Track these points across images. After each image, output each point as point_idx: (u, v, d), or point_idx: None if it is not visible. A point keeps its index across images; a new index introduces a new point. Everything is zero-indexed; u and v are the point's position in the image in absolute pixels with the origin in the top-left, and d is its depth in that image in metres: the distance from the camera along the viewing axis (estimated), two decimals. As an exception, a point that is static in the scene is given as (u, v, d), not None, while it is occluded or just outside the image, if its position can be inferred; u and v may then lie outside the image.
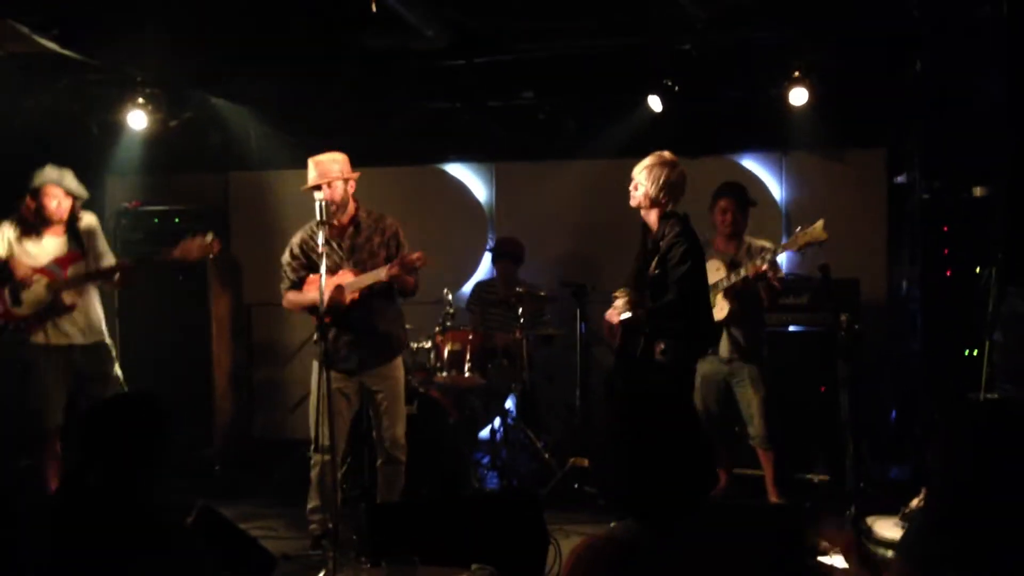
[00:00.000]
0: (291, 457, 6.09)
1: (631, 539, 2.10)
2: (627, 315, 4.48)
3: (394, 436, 4.93)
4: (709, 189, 6.27)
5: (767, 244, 5.15)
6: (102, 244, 5.38)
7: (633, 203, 4.66)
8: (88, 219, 5.37)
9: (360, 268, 4.76)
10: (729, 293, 4.97)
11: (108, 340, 5.39)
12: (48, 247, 5.21)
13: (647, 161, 4.62)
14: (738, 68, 6.27)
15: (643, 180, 4.57)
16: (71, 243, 5.26)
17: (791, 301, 5.87)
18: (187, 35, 5.52)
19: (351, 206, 4.82)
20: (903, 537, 2.48)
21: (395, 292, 4.91)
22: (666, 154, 4.61)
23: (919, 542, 2.34)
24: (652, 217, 4.63)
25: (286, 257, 4.90)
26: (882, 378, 6.28)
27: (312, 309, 4.65)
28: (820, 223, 4.89)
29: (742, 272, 5.00)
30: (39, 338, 5.14)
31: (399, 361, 5.03)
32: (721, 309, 4.97)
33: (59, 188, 5.18)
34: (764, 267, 4.95)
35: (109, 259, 5.34)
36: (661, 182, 4.52)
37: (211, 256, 5.25)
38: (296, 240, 4.89)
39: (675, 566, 2.07)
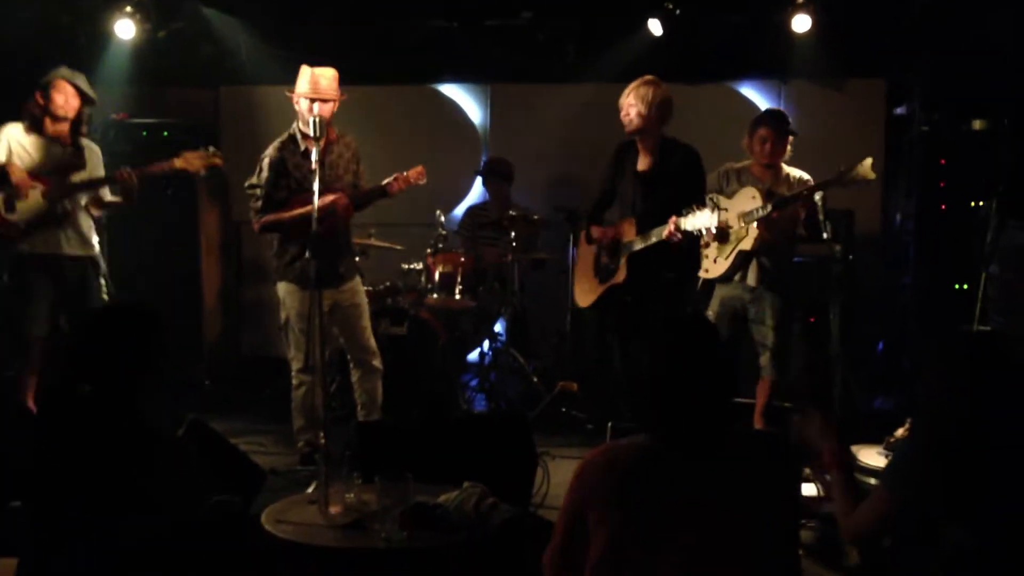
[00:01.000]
0: (279, 374, 6.09)
1: (643, 450, 2.15)
2: (707, 225, 4.54)
3: (367, 343, 5.00)
4: (708, 116, 6.20)
5: (804, 175, 5.03)
6: (100, 166, 5.26)
7: (630, 128, 4.75)
8: (94, 147, 5.27)
9: (337, 184, 4.76)
10: (763, 223, 4.87)
11: (98, 255, 5.30)
12: (51, 152, 5.08)
13: (632, 85, 4.77)
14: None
15: (634, 102, 4.71)
16: (74, 155, 5.15)
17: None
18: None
19: None
20: (887, 467, 2.49)
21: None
22: (647, 77, 4.79)
23: (903, 471, 2.35)
24: (650, 141, 4.67)
25: (266, 175, 4.73)
26: (872, 310, 6.30)
27: (294, 229, 4.62)
28: (868, 161, 4.58)
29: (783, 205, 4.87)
30: (27, 246, 5.04)
31: (359, 277, 5.12)
32: (753, 238, 4.90)
33: (70, 85, 5.05)
34: (814, 201, 4.81)
35: (105, 190, 5.23)
36: (651, 100, 4.71)
37: (216, 165, 5.19)
38: (274, 156, 4.74)
39: (680, 480, 2.10)
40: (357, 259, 5.28)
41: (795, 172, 5.10)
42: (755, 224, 4.85)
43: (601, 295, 5.08)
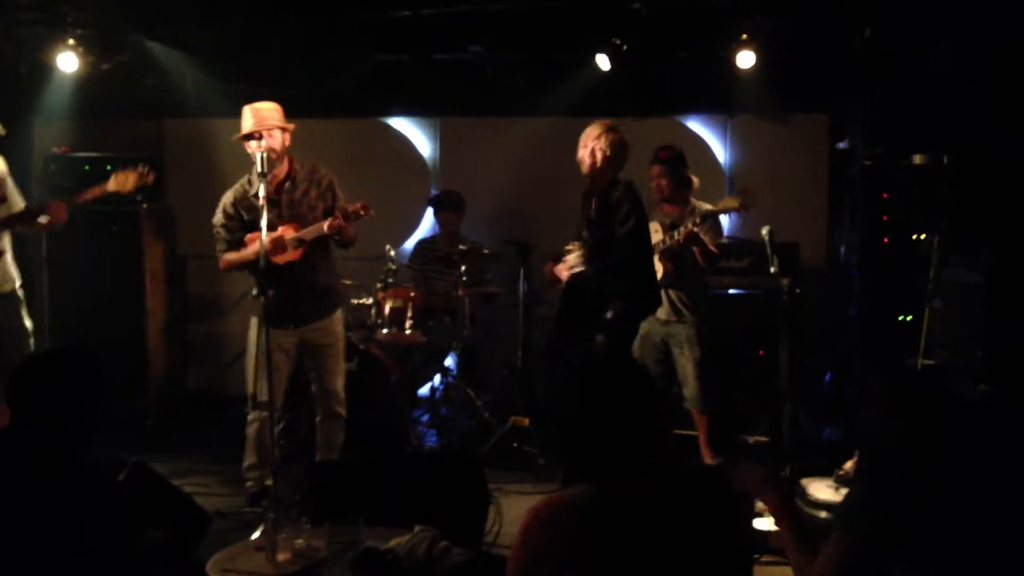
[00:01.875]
0: (226, 412, 6.00)
1: (586, 502, 2.09)
2: (578, 268, 4.51)
3: (335, 390, 4.88)
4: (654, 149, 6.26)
5: (709, 206, 5.17)
6: (12, 188, 5.08)
7: (585, 170, 4.73)
8: None
9: (300, 223, 4.63)
10: (665, 255, 5.00)
11: (20, 290, 5.13)
12: None
13: (595, 129, 4.70)
14: (687, 29, 6.23)
15: (597, 146, 4.64)
16: None
17: (732, 264, 5.90)
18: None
19: (286, 159, 4.69)
20: (839, 510, 2.47)
21: (331, 245, 4.81)
22: (608, 121, 4.74)
23: (852, 512, 2.34)
24: (601, 184, 4.67)
25: (219, 218, 4.72)
26: (818, 341, 6.38)
27: (251, 266, 4.55)
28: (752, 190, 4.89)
29: (675, 235, 5.01)
30: None
31: (339, 315, 4.94)
32: (657, 271, 4.98)
33: None
34: (693, 230, 4.97)
35: (18, 203, 5.06)
36: (612, 146, 4.64)
37: (147, 183, 5.11)
38: (228, 199, 4.72)
39: (629, 528, 2.07)
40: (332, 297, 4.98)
41: (704, 205, 5.21)
42: (658, 256, 4.95)
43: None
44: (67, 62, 5.93)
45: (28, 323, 5.16)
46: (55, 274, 6.61)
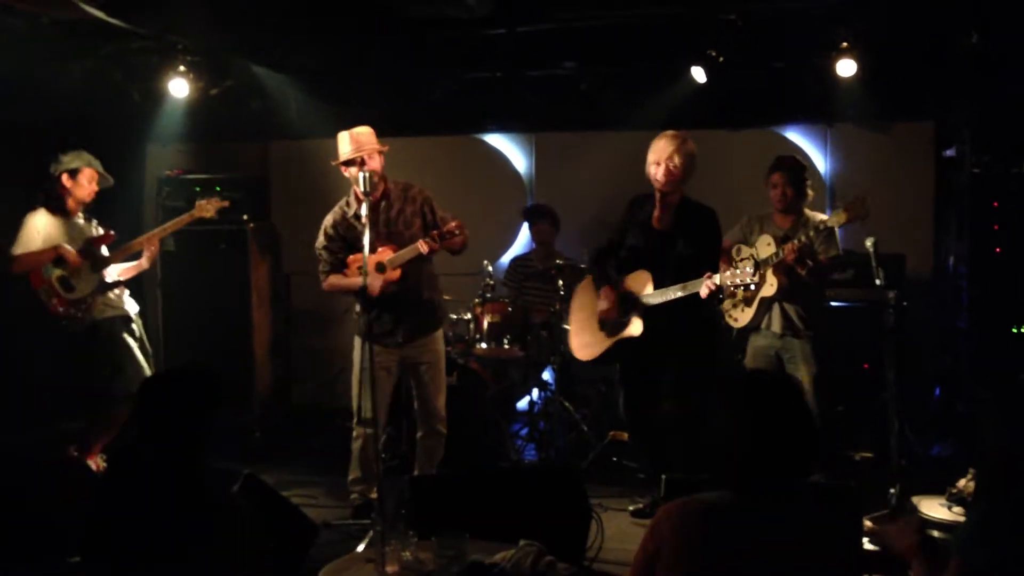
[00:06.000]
0: (329, 426, 6.14)
1: (723, 504, 2.16)
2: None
3: (436, 408, 4.95)
4: (752, 162, 6.18)
5: (824, 217, 5.03)
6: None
7: (669, 187, 4.70)
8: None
9: (396, 241, 4.73)
10: (779, 268, 4.87)
11: (136, 316, 5.60)
12: (78, 229, 5.38)
13: (675, 142, 4.68)
14: (784, 38, 6.14)
15: (678, 160, 4.65)
16: (93, 224, 5.46)
17: (836, 276, 5.77)
18: (228, 3, 5.49)
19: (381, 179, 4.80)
20: (960, 533, 2.39)
21: (431, 259, 4.86)
22: (677, 132, 4.75)
23: (975, 536, 2.26)
24: (674, 197, 4.73)
25: (321, 241, 4.87)
26: (926, 355, 6.20)
27: (355, 291, 4.67)
28: (864, 198, 4.65)
29: (784, 250, 4.88)
30: (102, 313, 5.35)
31: (440, 333, 5.02)
32: (771, 285, 4.89)
33: (96, 173, 5.37)
34: (802, 245, 4.81)
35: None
36: (692, 159, 4.68)
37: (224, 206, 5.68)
38: (329, 222, 4.86)
39: (757, 536, 2.12)
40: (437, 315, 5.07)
41: (817, 216, 5.07)
42: (771, 270, 4.85)
43: (609, 348, 4.96)
44: (178, 88, 6.16)
45: (132, 344, 5.48)
46: (168, 292, 6.87)
